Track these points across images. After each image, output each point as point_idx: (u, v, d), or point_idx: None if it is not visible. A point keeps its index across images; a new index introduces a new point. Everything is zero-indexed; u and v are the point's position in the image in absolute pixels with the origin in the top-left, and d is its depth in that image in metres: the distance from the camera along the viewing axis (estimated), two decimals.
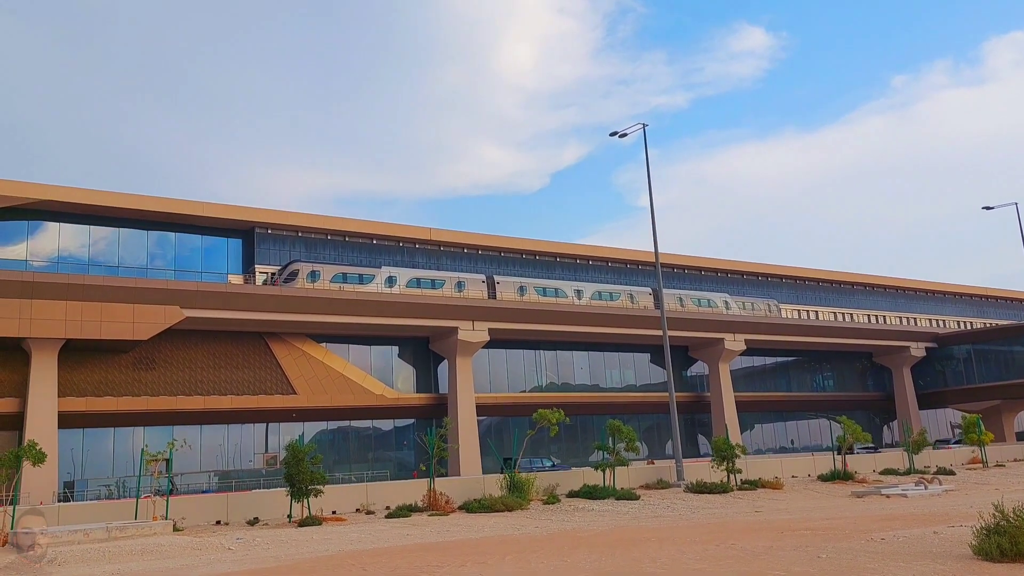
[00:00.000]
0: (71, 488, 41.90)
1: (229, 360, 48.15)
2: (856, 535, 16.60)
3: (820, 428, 72.35)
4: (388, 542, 20.30)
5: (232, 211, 49.55)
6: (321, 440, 49.54)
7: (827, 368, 77.19)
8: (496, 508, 28.33)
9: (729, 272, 72.19)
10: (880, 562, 12.68)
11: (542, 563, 14.49)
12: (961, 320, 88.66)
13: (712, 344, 63.92)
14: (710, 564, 13.34)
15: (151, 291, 42.09)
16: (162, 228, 48.58)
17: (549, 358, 60.59)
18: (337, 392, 50.45)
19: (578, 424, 56.87)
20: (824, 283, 79.13)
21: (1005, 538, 12.15)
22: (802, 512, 25.34)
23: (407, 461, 53.05)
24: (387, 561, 15.74)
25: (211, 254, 50.20)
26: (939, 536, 15.58)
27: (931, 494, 30.55)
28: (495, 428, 56.60)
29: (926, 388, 76.87)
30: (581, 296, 59.33)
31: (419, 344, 55.11)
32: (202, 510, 27.01)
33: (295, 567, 15.72)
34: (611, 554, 15.35)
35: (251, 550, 19.97)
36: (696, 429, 66.65)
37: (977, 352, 74.89)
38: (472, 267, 58.11)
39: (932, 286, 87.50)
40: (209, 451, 47.15)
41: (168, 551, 19.90)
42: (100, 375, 44.48)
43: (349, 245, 54.14)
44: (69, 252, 46.01)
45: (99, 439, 44.81)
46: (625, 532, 20.55)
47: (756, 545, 15.63)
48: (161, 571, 16.48)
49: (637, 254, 65.50)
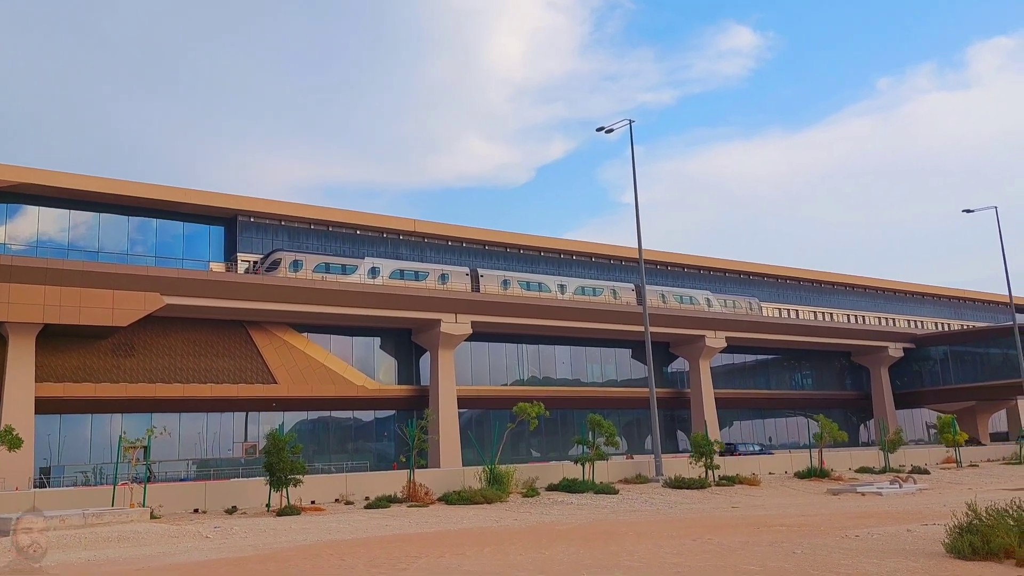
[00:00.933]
0: (47, 474, 41.55)
1: (209, 348, 47.89)
2: (831, 532, 16.79)
3: (798, 426, 73.06)
4: (367, 532, 20.31)
5: (215, 198, 49.21)
6: (301, 430, 49.38)
7: (806, 367, 77.82)
8: (475, 500, 28.41)
9: (711, 270, 72.59)
10: (854, 558, 12.83)
11: (520, 555, 14.55)
12: (939, 321, 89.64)
13: (693, 341, 64.26)
14: (687, 558, 13.45)
15: (131, 277, 41.76)
16: (144, 214, 48.17)
17: (531, 352, 60.71)
18: (318, 382, 50.29)
19: (559, 418, 57.11)
20: (805, 282, 79.72)
21: (977, 536, 12.34)
22: (778, 508, 25.59)
23: (387, 452, 53.03)
24: (365, 552, 15.74)
25: (193, 241, 49.84)
26: (912, 534, 15.79)
27: (905, 493, 30.94)
28: (476, 421, 56.66)
29: (903, 388, 77.70)
30: (564, 291, 59.43)
31: (401, 336, 55.03)
32: (180, 498, 26.89)
33: (273, 556, 15.70)
34: (589, 547, 15.44)
35: (229, 539, 19.92)
36: (676, 425, 67.06)
37: (954, 353, 75.77)
38: (456, 260, 58.06)
39: (911, 287, 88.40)
40: (188, 439, 46.92)
41: (145, 538, 19.82)
42: (78, 361, 44.10)
43: (332, 235, 53.91)
44: (49, 236, 45.54)
45: (76, 425, 44.47)
46: (603, 526, 20.67)
47: (732, 540, 15.78)
48: (138, 558, 16.40)
49: (621, 250, 65.68)
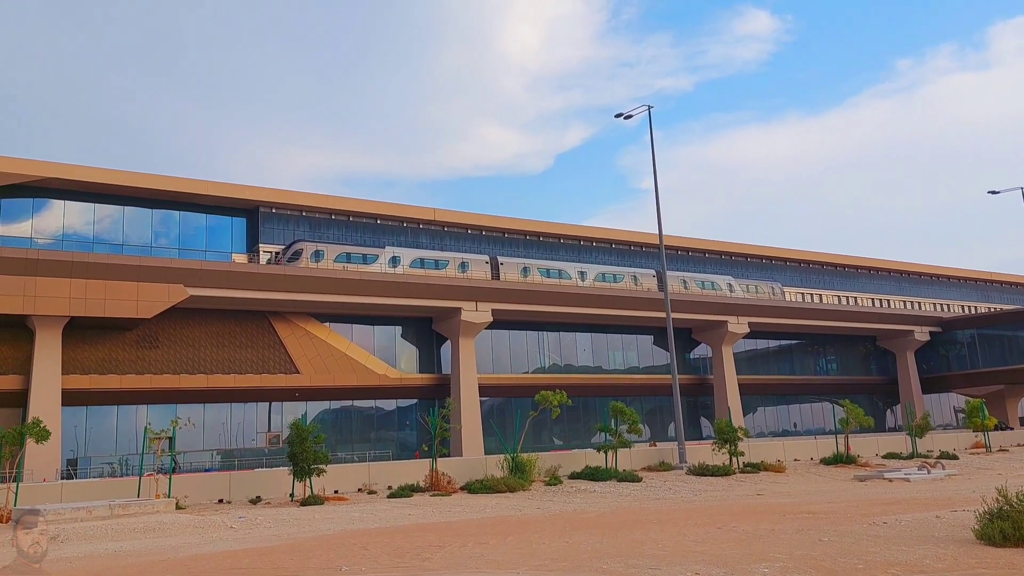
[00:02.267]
0: (74, 466, 42.10)
1: (232, 339, 48.23)
2: (858, 519, 16.57)
3: (823, 412, 72.39)
4: (390, 522, 20.34)
5: (236, 190, 49.49)
6: (324, 420, 49.67)
7: (831, 352, 77.08)
8: (498, 489, 28.39)
9: (733, 255, 71.99)
10: (882, 546, 12.63)
11: (543, 544, 14.48)
12: (965, 304, 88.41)
13: (715, 327, 63.82)
14: (711, 546, 13.31)
15: (155, 269, 42.09)
16: (167, 207, 48.53)
17: (552, 339, 60.58)
18: (340, 372, 50.52)
19: (580, 406, 56.97)
20: (828, 267, 78.88)
21: (1008, 522, 12.09)
22: (804, 495, 25.34)
23: (409, 441, 53.22)
24: (388, 541, 15.75)
25: (215, 233, 50.15)
26: (941, 520, 15.53)
27: (934, 478, 30.54)
28: (497, 409, 56.69)
29: (930, 372, 76.77)
30: (584, 277, 59.20)
31: (422, 324, 55.11)
32: (204, 489, 27.09)
33: (297, 546, 15.74)
34: (612, 536, 15.34)
35: (253, 529, 20.03)
36: (699, 412, 66.72)
37: (981, 337, 74.70)
38: (476, 248, 57.99)
39: (937, 270, 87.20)
40: (212, 430, 47.32)
41: (170, 529, 19.97)
42: (104, 353, 44.58)
43: (353, 225, 54.01)
44: (74, 230, 45.99)
45: (102, 417, 44.99)
46: (626, 514, 20.57)
47: (757, 528, 15.61)
48: (163, 549, 16.52)
49: (641, 236, 65.28)
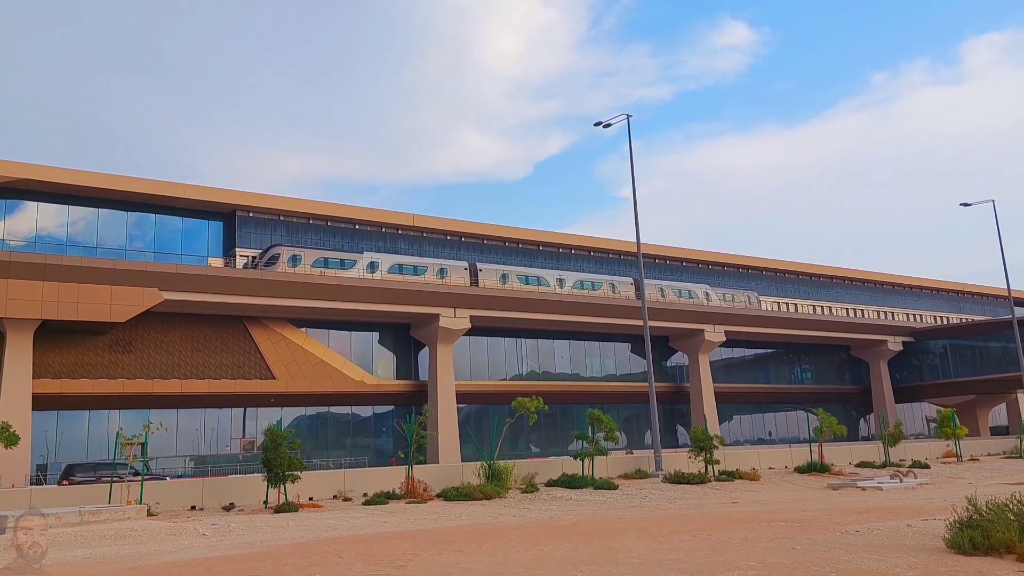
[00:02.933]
0: (44, 471, 41.48)
1: (207, 344, 47.79)
2: (831, 527, 16.71)
3: (798, 420, 72.97)
4: (365, 529, 20.23)
5: (213, 193, 49.09)
6: (299, 426, 49.34)
7: (805, 361, 77.76)
8: (474, 496, 28.30)
9: (710, 264, 72.48)
10: (854, 554, 12.75)
11: (519, 552, 14.46)
12: (938, 315, 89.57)
13: (692, 335, 64.19)
14: (685, 554, 13.36)
15: (130, 273, 41.63)
16: (142, 209, 48.03)
17: (530, 346, 60.63)
18: (316, 378, 50.21)
19: (558, 413, 57.05)
20: (803, 276, 79.62)
21: (977, 532, 12.24)
22: (778, 504, 25.51)
23: (386, 448, 52.97)
24: (363, 548, 15.66)
25: (191, 236, 49.71)
26: (913, 529, 15.70)
27: (906, 487, 30.85)
28: (475, 416, 56.60)
29: (902, 382, 77.62)
30: (563, 285, 59.33)
31: (400, 330, 54.93)
32: (177, 495, 26.78)
33: (270, 554, 15.61)
34: (588, 544, 15.36)
35: (226, 536, 19.83)
36: (675, 419, 67.01)
37: (953, 347, 75.67)
38: (454, 254, 57.94)
39: (910, 281, 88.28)
40: (185, 435, 46.84)
41: (142, 536, 19.72)
42: (76, 357, 44.00)
43: (331, 230, 53.78)
44: (47, 232, 45.41)
45: (74, 422, 44.40)
46: (602, 522, 20.59)
47: (732, 536, 15.69)
48: (134, 556, 16.31)
49: (619, 244, 65.58)
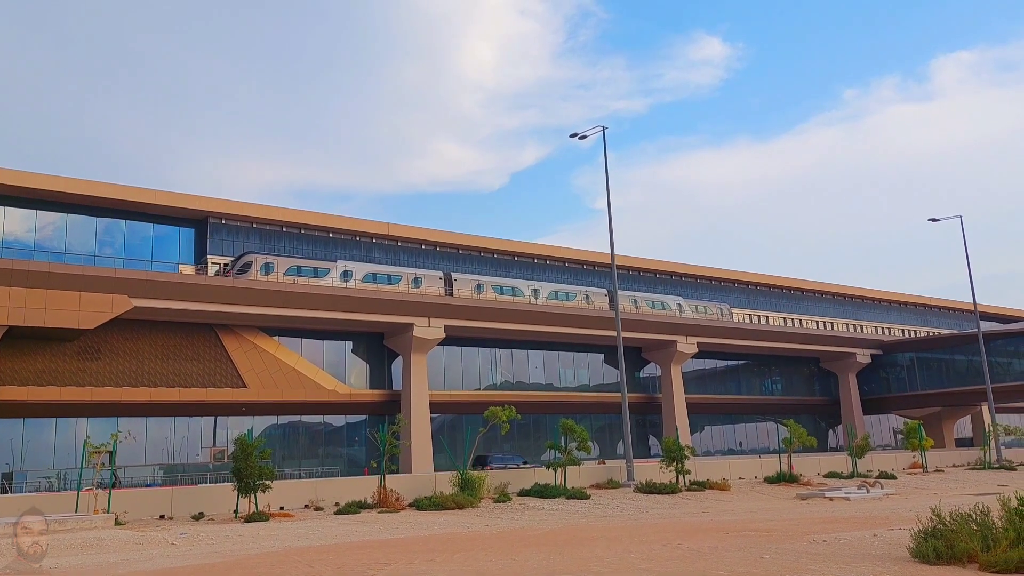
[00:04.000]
0: (9, 480, 40.80)
1: (178, 352, 47.28)
2: (799, 536, 16.93)
3: (768, 431, 73.68)
4: (336, 539, 20.14)
5: (185, 200, 48.62)
6: (271, 435, 48.89)
7: (776, 372, 78.54)
8: (447, 506, 28.30)
9: (683, 276, 73.05)
10: (821, 563, 12.94)
11: (491, 561, 14.50)
12: (905, 328, 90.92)
13: (665, 346, 64.60)
14: (656, 564, 13.48)
15: (98, 279, 41.10)
16: (112, 215, 47.46)
17: (504, 356, 60.65)
18: (288, 387, 49.84)
19: (531, 423, 57.11)
20: (775, 289, 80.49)
21: (941, 541, 12.51)
22: (748, 513, 25.75)
23: (358, 458, 52.66)
24: (334, 558, 15.60)
25: (162, 243, 49.21)
26: (878, 539, 15.96)
27: (872, 497, 31.29)
28: (448, 425, 56.47)
29: (870, 394, 78.65)
30: (538, 295, 59.47)
31: (373, 340, 54.72)
32: (146, 504, 26.48)
33: (239, 563, 15.50)
34: (560, 553, 15.43)
35: (195, 545, 19.64)
36: (647, 430, 67.33)
37: (920, 360, 76.84)
38: (429, 263, 57.87)
39: (878, 295, 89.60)
40: (154, 444, 46.25)
41: (109, 545, 19.49)
42: (43, 364, 43.32)
43: (304, 238, 53.50)
44: (14, 236, 44.75)
45: (40, 429, 43.66)
46: (574, 531, 20.68)
47: (702, 545, 15.85)
48: (101, 566, 16.12)
49: (594, 255, 65.92)
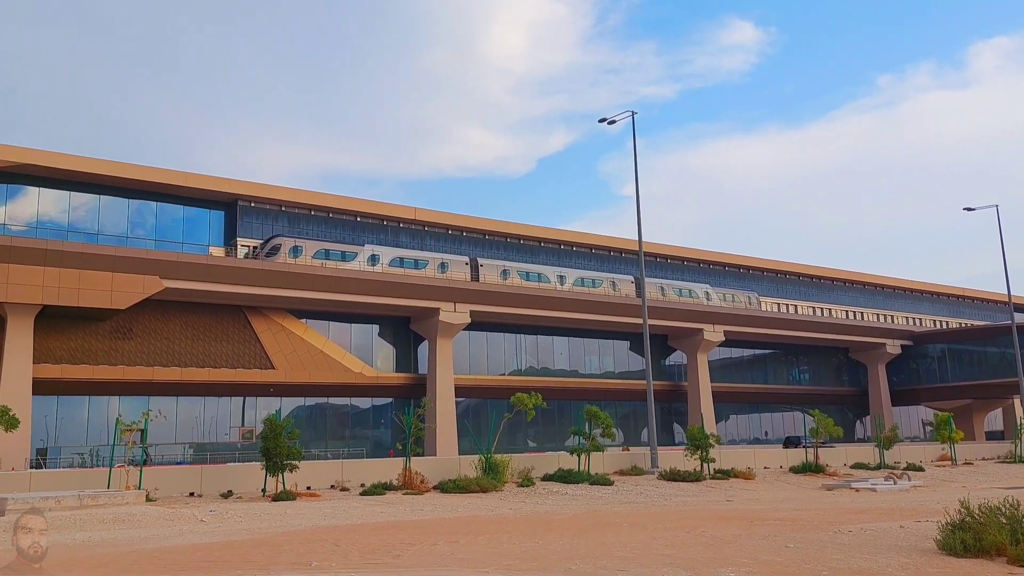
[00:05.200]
0: (44, 455, 41.65)
1: (208, 332, 47.90)
2: (824, 527, 16.82)
3: (794, 421, 73.17)
4: (361, 519, 20.36)
5: (215, 182, 49.11)
6: (298, 416, 49.43)
7: (803, 362, 77.88)
8: (471, 489, 28.46)
9: (711, 263, 72.56)
10: (846, 554, 12.86)
11: (514, 544, 14.58)
12: (937, 319, 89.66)
13: (691, 334, 64.30)
14: (679, 550, 13.48)
15: (131, 260, 41.72)
16: (144, 197, 48.09)
17: (529, 342, 60.73)
18: (316, 368, 50.33)
19: (555, 409, 57.16)
20: (804, 278, 79.70)
21: (969, 534, 12.36)
22: (773, 503, 25.64)
23: (384, 440, 53.12)
24: (360, 538, 15.78)
25: (193, 225, 49.77)
26: (905, 530, 15.81)
27: (900, 489, 31.00)
28: (473, 410, 56.74)
29: (900, 385, 77.77)
30: (564, 282, 59.41)
31: (400, 323, 55.04)
32: (176, 481, 26.94)
33: (267, 541, 15.73)
34: (582, 537, 15.48)
35: (224, 522, 19.96)
36: (672, 418, 67.16)
37: (951, 351, 75.80)
38: (456, 249, 58.00)
39: (910, 284, 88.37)
40: (184, 423, 46.99)
41: (140, 521, 19.86)
42: (76, 343, 44.12)
43: (332, 222, 53.84)
44: (49, 217, 45.48)
45: (73, 407, 44.54)
46: (597, 516, 20.72)
47: (725, 533, 15.81)
48: (133, 540, 16.44)
49: (620, 242, 65.66)
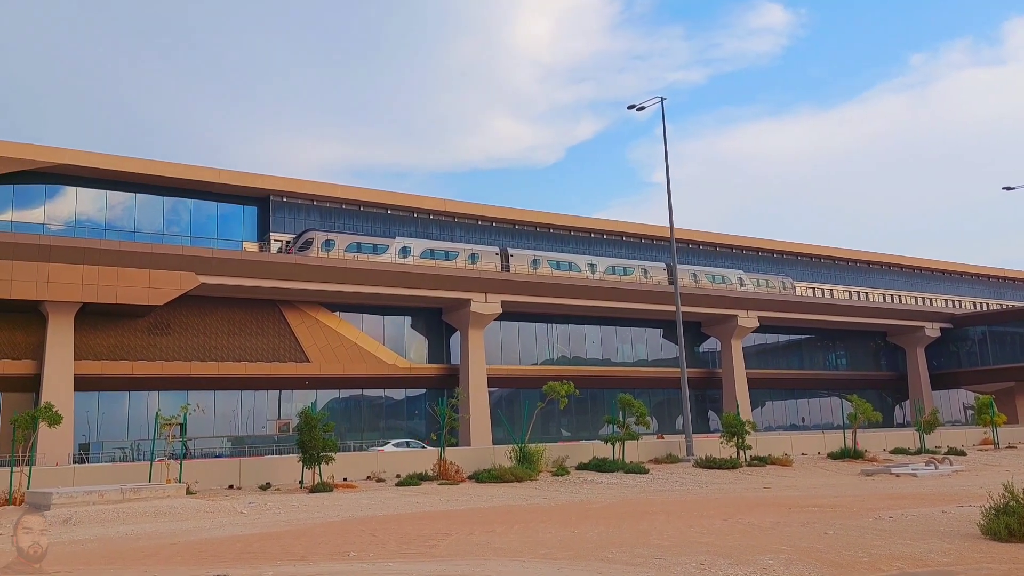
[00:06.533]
0: (86, 450, 42.49)
1: (243, 327, 48.50)
2: (864, 513, 16.62)
3: (832, 406, 72.24)
4: (398, 509, 20.51)
5: (248, 178, 49.68)
6: (333, 408, 49.95)
7: (840, 347, 76.86)
8: (505, 479, 28.52)
9: (743, 249, 71.81)
10: (887, 540, 12.69)
11: (549, 533, 14.59)
12: (977, 301, 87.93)
13: (725, 321, 63.75)
14: (716, 537, 13.39)
15: (167, 257, 42.35)
16: (178, 194, 48.79)
17: (561, 331, 60.64)
18: (350, 361, 50.75)
19: (588, 398, 57.03)
20: (839, 261, 78.57)
21: (1013, 518, 12.14)
22: (810, 489, 25.38)
23: (418, 430, 53.44)
24: (396, 528, 15.90)
25: (226, 221, 50.40)
26: (947, 515, 15.56)
27: (941, 474, 30.51)
28: (506, 400, 56.85)
29: (939, 368, 76.42)
30: (594, 270, 59.19)
31: (432, 315, 55.26)
32: (215, 474, 27.31)
33: (305, 532, 15.91)
34: (618, 526, 15.44)
35: (263, 514, 20.23)
36: (707, 405, 66.72)
37: (992, 333, 74.29)
38: (486, 239, 58.05)
39: (948, 266, 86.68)
40: (222, 417, 47.66)
41: (181, 513, 20.19)
42: (116, 339, 44.92)
43: (363, 215, 54.16)
44: (86, 216, 46.31)
45: (114, 402, 45.38)
46: (633, 505, 20.66)
47: (763, 521, 15.68)
48: (174, 532, 16.73)
49: (651, 229, 65.22)
